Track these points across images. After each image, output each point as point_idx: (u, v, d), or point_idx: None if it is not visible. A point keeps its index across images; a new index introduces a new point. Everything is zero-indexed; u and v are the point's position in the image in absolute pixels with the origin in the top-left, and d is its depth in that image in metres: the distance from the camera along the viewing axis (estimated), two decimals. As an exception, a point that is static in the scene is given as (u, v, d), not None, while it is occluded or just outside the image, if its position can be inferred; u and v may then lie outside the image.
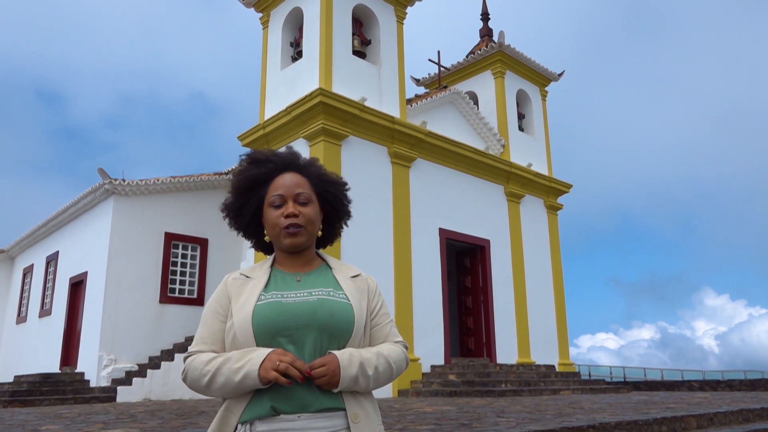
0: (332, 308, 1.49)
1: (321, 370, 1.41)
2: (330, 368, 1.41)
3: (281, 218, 1.56)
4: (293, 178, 1.61)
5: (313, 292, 1.52)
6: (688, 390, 14.91)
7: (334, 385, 1.42)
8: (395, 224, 12.57)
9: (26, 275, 17.12)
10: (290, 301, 1.49)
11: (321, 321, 1.47)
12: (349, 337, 1.50)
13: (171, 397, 11.53)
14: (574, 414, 6.49)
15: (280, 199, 1.58)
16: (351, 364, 1.44)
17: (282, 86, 13.28)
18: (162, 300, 13.04)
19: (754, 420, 7.02)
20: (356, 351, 1.48)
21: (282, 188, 1.59)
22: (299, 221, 1.56)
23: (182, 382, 1.43)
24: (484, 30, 17.67)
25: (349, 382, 1.44)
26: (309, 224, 1.58)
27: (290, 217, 1.56)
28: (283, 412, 1.41)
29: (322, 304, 1.49)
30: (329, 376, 1.41)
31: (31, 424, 6.40)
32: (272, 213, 1.58)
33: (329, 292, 1.54)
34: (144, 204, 13.20)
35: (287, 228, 1.56)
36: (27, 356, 15.56)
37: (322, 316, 1.48)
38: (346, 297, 1.55)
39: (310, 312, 1.47)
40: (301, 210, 1.57)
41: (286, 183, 1.60)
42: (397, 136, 12.90)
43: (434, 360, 12.58)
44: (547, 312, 15.84)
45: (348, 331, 1.49)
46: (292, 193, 1.58)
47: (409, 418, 6.33)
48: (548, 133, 17.61)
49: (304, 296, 1.51)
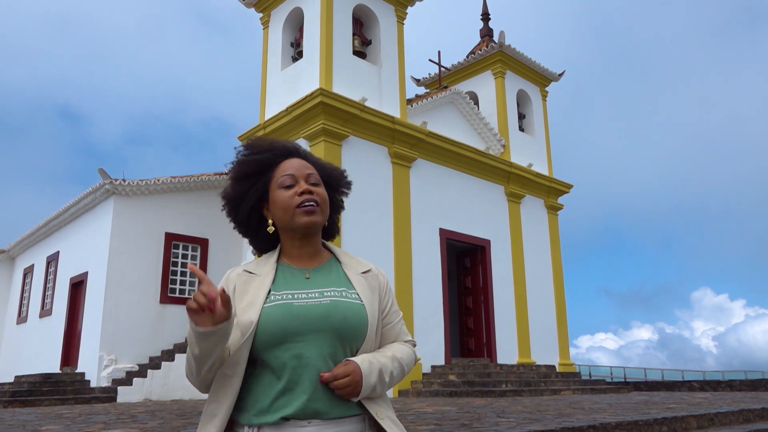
0: (346, 311, 1.42)
1: (345, 380, 1.35)
2: (354, 378, 1.35)
3: (295, 197, 1.47)
4: (301, 162, 1.54)
5: (324, 293, 1.44)
6: (688, 390, 14.90)
7: (355, 394, 1.36)
8: (395, 224, 12.57)
9: (27, 275, 17.12)
10: (302, 303, 1.41)
11: (335, 325, 1.39)
12: (363, 341, 1.43)
13: (171, 397, 11.53)
14: (574, 414, 6.48)
15: (292, 179, 1.49)
16: (371, 373, 1.39)
17: (282, 86, 13.28)
18: (162, 300, 13.03)
19: (755, 420, 7.01)
20: (374, 358, 1.42)
21: (292, 169, 1.51)
22: (315, 198, 1.47)
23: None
24: (485, 30, 17.67)
25: (368, 391, 1.38)
26: (323, 203, 1.50)
27: (305, 194, 1.47)
28: (293, 417, 1.34)
29: (335, 307, 1.41)
30: (353, 386, 1.35)
31: (31, 424, 6.40)
32: (283, 194, 1.48)
33: (341, 293, 1.45)
34: (144, 204, 13.20)
35: (303, 206, 1.46)
36: (27, 356, 15.55)
37: (336, 319, 1.40)
38: (358, 297, 1.47)
39: (323, 315, 1.39)
40: (315, 189, 1.49)
41: (296, 165, 1.52)
42: (397, 136, 12.90)
43: (435, 360, 12.58)
44: (548, 312, 15.84)
45: (362, 334, 1.43)
46: (303, 173, 1.50)
47: (409, 418, 6.32)
48: (548, 133, 17.61)
49: (315, 297, 1.43)
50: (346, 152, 12.06)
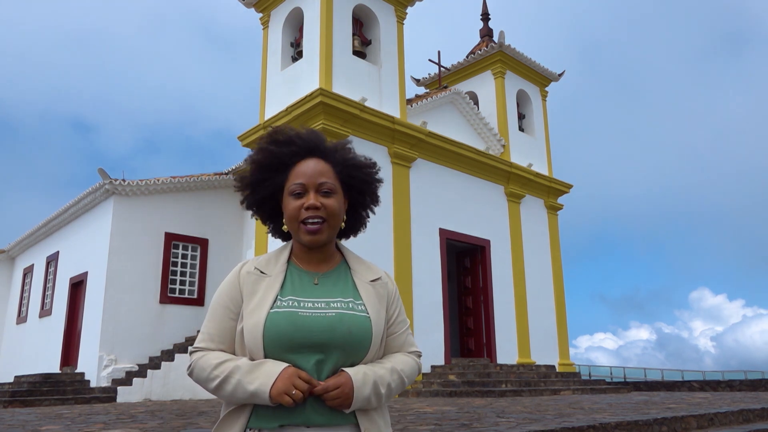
0: (351, 325, 1.41)
1: (335, 393, 1.35)
2: (344, 390, 1.35)
3: (301, 210, 1.45)
4: (316, 166, 1.49)
5: (331, 303, 1.43)
6: (688, 390, 14.90)
7: (346, 406, 1.36)
8: (395, 224, 12.57)
9: (26, 275, 17.12)
10: (307, 313, 1.40)
11: (339, 339, 1.39)
12: (365, 354, 1.43)
13: (171, 397, 11.53)
14: (574, 414, 6.48)
15: (301, 188, 1.46)
16: (365, 385, 1.38)
17: (282, 86, 13.28)
18: (162, 300, 13.04)
19: (755, 420, 7.01)
20: (370, 369, 1.42)
21: (303, 176, 1.47)
22: (321, 214, 1.45)
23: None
24: (485, 30, 17.67)
25: (361, 403, 1.38)
26: (331, 217, 1.47)
27: (311, 210, 1.45)
28: (289, 424, 1.36)
29: (341, 321, 1.40)
30: (342, 398, 1.35)
31: (31, 424, 6.40)
32: (292, 203, 1.47)
33: (348, 304, 1.44)
34: (144, 204, 13.20)
35: (307, 224, 1.45)
36: (27, 356, 15.55)
37: (341, 334, 1.39)
38: (365, 309, 1.46)
39: (328, 329, 1.39)
40: (324, 202, 1.46)
41: (308, 171, 1.48)
42: (397, 136, 12.90)
43: (434, 360, 12.58)
44: (547, 312, 15.84)
45: (365, 348, 1.43)
46: (315, 182, 1.47)
47: (409, 418, 6.32)
48: (548, 133, 17.61)
49: (321, 308, 1.42)
50: (346, 152, 12.05)
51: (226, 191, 14.38)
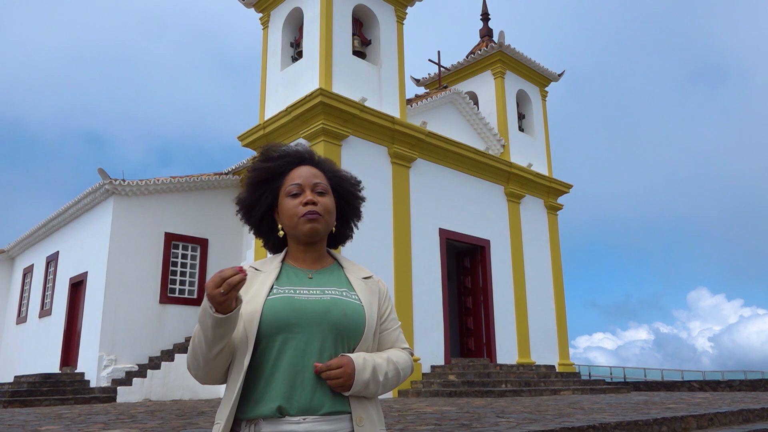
0: (345, 309, 1.47)
1: (337, 371, 1.39)
2: (346, 371, 1.40)
3: (299, 206, 1.54)
4: (310, 170, 1.60)
5: (326, 291, 1.50)
6: (688, 390, 14.91)
7: (347, 388, 1.41)
8: (395, 224, 12.57)
9: (26, 275, 17.12)
10: (303, 297, 1.47)
11: (334, 320, 1.45)
12: (360, 340, 1.48)
13: (171, 397, 11.54)
14: (574, 414, 6.48)
15: (298, 188, 1.56)
16: (365, 369, 1.43)
17: (282, 86, 13.28)
18: (162, 300, 13.03)
19: (754, 420, 7.01)
20: (369, 355, 1.47)
21: (299, 178, 1.58)
22: (318, 209, 1.54)
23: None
24: (484, 30, 17.67)
25: (360, 387, 1.42)
26: (327, 213, 1.56)
27: (309, 205, 1.54)
28: (288, 414, 1.39)
29: (335, 304, 1.47)
30: (344, 378, 1.40)
31: (31, 424, 6.40)
32: (290, 202, 1.56)
33: (342, 292, 1.51)
34: (144, 204, 13.20)
35: (306, 214, 1.53)
36: (27, 356, 15.55)
37: (335, 315, 1.45)
38: (358, 299, 1.52)
39: (323, 310, 1.45)
40: (319, 199, 1.56)
41: (304, 173, 1.59)
42: (397, 136, 12.90)
43: (434, 360, 12.58)
44: (547, 312, 15.84)
45: (359, 332, 1.47)
46: (310, 182, 1.57)
47: (409, 418, 6.33)
48: (548, 133, 17.61)
49: (317, 294, 1.49)
50: (345, 152, 12.06)
51: (225, 191, 14.38)
